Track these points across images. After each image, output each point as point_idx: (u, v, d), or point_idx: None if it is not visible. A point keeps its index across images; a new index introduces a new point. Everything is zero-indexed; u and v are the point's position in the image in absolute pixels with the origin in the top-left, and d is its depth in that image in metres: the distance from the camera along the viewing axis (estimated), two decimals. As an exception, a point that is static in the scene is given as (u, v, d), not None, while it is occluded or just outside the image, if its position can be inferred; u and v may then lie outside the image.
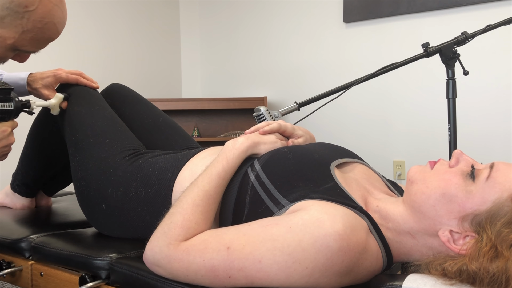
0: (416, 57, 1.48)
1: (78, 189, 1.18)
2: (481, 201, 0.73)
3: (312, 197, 0.80)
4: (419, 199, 0.78)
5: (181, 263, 0.78)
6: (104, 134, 1.19)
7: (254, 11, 3.45)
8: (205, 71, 3.75)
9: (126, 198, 1.08)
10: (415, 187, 0.80)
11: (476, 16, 2.56)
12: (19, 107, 1.08)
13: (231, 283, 0.76)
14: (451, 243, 0.75)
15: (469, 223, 0.74)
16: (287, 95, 3.31)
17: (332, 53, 3.10)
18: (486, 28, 1.50)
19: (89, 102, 1.27)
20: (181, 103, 3.25)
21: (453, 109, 1.52)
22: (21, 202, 1.51)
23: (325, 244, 0.71)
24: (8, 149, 1.06)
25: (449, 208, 0.75)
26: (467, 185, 0.75)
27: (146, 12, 3.46)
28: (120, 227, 1.11)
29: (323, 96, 1.44)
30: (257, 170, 0.90)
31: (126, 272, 0.93)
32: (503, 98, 2.52)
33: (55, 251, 1.08)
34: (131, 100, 1.41)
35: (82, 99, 1.28)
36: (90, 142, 1.17)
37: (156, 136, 1.35)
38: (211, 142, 3.21)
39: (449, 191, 0.76)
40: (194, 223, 0.82)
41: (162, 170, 1.08)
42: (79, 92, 1.29)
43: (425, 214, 0.78)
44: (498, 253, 0.68)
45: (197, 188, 0.87)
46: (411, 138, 2.81)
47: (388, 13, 2.82)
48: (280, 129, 1.02)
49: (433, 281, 0.71)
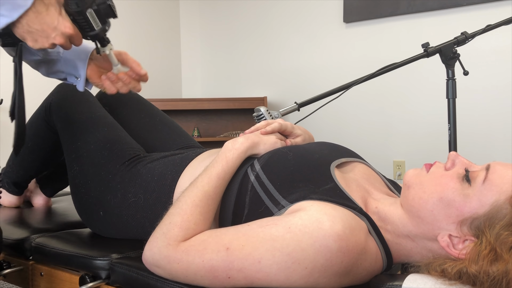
0: (416, 57, 1.48)
1: (76, 196, 1.17)
2: (479, 204, 0.73)
3: (311, 198, 0.80)
4: (417, 204, 0.78)
5: (181, 263, 0.78)
6: (104, 140, 1.18)
7: (254, 11, 3.45)
8: (205, 71, 3.75)
9: (124, 205, 1.08)
10: (412, 192, 0.79)
11: (476, 16, 2.56)
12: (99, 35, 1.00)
13: (230, 284, 0.76)
14: (451, 248, 0.75)
15: (468, 227, 0.74)
16: (287, 95, 3.31)
17: (332, 53, 3.10)
18: (486, 28, 1.50)
19: (89, 110, 1.26)
20: (181, 103, 3.25)
21: (453, 109, 1.52)
22: (9, 199, 1.51)
23: (324, 245, 0.71)
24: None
25: (447, 213, 0.75)
26: (464, 188, 0.74)
27: (146, 12, 3.46)
28: (118, 233, 1.11)
29: (323, 96, 1.44)
30: (257, 171, 0.90)
31: (126, 272, 0.93)
32: (503, 98, 2.52)
33: (55, 251, 1.08)
34: (127, 100, 1.41)
35: (82, 106, 1.27)
36: (90, 148, 1.17)
37: (154, 136, 1.35)
38: (211, 142, 3.21)
39: (446, 196, 0.75)
40: (193, 224, 0.82)
41: (161, 176, 1.07)
42: (79, 99, 1.28)
43: (423, 219, 0.77)
44: (498, 256, 0.68)
45: (196, 189, 0.86)
46: (411, 138, 2.81)
47: (388, 13, 2.82)
48: (280, 128, 1.02)
49: (433, 281, 0.71)
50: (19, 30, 0.91)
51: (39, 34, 0.93)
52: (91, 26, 1.00)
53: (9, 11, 0.88)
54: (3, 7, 0.88)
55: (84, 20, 0.99)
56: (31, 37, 0.92)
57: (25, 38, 0.92)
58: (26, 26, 0.91)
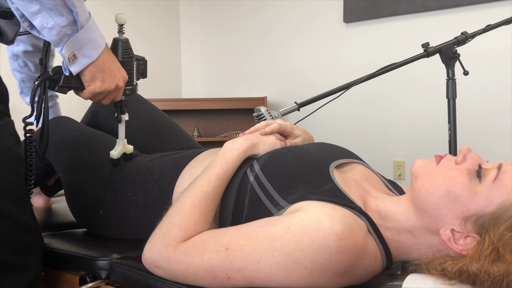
0: (416, 57, 1.48)
1: (73, 202, 1.17)
2: (486, 202, 0.72)
3: (311, 198, 0.80)
4: (423, 196, 0.77)
5: (180, 264, 0.78)
6: (98, 146, 1.19)
7: (254, 11, 3.45)
8: (205, 71, 3.75)
9: (124, 203, 1.08)
10: (419, 183, 0.78)
11: (476, 16, 2.56)
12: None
13: (230, 284, 0.76)
14: (452, 242, 0.74)
15: (472, 224, 0.73)
16: (287, 95, 3.31)
17: (332, 53, 3.10)
18: (486, 28, 1.50)
19: (79, 128, 1.27)
20: (181, 103, 3.25)
21: (453, 109, 1.52)
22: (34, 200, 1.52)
23: (324, 245, 0.71)
24: None
25: (453, 207, 0.74)
26: (473, 185, 0.74)
27: (146, 12, 3.46)
28: (118, 233, 1.11)
29: (323, 96, 1.44)
30: (256, 171, 0.90)
31: (126, 272, 0.93)
32: (503, 98, 2.52)
33: (55, 251, 1.08)
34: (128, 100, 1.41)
35: (73, 125, 1.28)
36: (85, 155, 1.17)
37: (155, 136, 1.35)
38: (211, 142, 3.21)
39: (454, 190, 0.74)
40: (193, 224, 0.82)
41: (161, 174, 1.07)
42: (69, 121, 1.30)
43: (427, 211, 0.77)
44: (500, 256, 0.67)
45: (196, 189, 0.87)
46: (411, 138, 2.81)
47: (388, 13, 2.82)
48: (280, 129, 1.02)
49: (433, 281, 0.71)
50: (93, 69, 0.89)
51: (108, 73, 0.92)
52: (131, 79, 1.00)
53: (92, 51, 0.87)
54: (87, 46, 0.86)
55: (129, 71, 0.99)
56: (101, 76, 0.91)
57: (95, 78, 0.90)
58: (101, 65, 0.90)
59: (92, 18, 0.88)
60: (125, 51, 0.99)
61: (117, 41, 1.00)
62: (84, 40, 0.85)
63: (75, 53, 0.85)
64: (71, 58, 0.85)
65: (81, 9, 0.83)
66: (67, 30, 0.82)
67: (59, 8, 0.79)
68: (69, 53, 0.84)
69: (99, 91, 0.92)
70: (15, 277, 0.85)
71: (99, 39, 0.89)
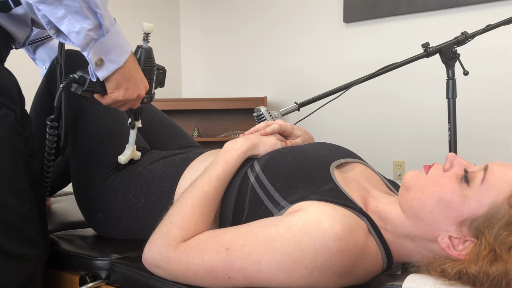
0: (416, 57, 1.48)
1: (78, 193, 1.16)
2: (478, 205, 0.72)
3: (311, 198, 0.80)
4: (416, 205, 0.78)
5: (180, 264, 0.78)
6: (110, 139, 1.14)
7: (254, 11, 3.45)
8: (205, 71, 3.75)
9: (125, 206, 1.07)
10: (412, 194, 0.79)
11: (476, 16, 2.56)
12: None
13: (230, 284, 0.76)
14: (451, 249, 0.75)
15: (467, 228, 0.74)
16: (287, 95, 3.31)
17: (332, 53, 3.10)
18: (486, 28, 1.50)
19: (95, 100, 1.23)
20: (181, 103, 3.25)
21: (453, 109, 1.52)
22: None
23: (324, 245, 0.71)
24: None
25: (447, 214, 0.75)
26: (463, 189, 0.74)
27: (146, 12, 3.46)
28: (118, 234, 1.11)
29: (323, 96, 1.44)
30: (256, 171, 0.90)
31: (126, 272, 0.93)
32: (503, 98, 2.52)
33: (55, 251, 1.08)
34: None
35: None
36: (93, 146, 1.13)
37: (152, 135, 1.34)
38: (211, 142, 3.21)
39: (445, 197, 0.75)
40: (193, 224, 0.82)
41: (162, 177, 1.07)
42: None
43: (422, 220, 0.77)
44: (497, 256, 0.68)
45: (196, 189, 0.87)
46: (411, 138, 2.81)
47: (388, 13, 2.82)
48: (280, 129, 1.02)
49: (433, 281, 0.71)
50: (119, 77, 0.89)
51: (133, 82, 0.91)
52: (151, 88, 1.00)
53: (119, 56, 0.87)
54: (114, 52, 0.86)
55: (149, 80, 0.98)
56: (126, 85, 0.91)
57: (120, 86, 0.90)
58: (127, 73, 0.89)
59: (117, 23, 0.87)
60: (148, 60, 0.99)
61: (141, 49, 1.00)
62: (111, 45, 0.85)
63: (101, 58, 0.85)
64: (98, 63, 0.85)
65: (105, 12, 0.83)
66: (93, 34, 0.82)
67: (84, 11, 0.79)
68: (96, 58, 0.84)
69: (121, 99, 0.92)
70: (16, 266, 0.85)
71: (125, 45, 0.88)
